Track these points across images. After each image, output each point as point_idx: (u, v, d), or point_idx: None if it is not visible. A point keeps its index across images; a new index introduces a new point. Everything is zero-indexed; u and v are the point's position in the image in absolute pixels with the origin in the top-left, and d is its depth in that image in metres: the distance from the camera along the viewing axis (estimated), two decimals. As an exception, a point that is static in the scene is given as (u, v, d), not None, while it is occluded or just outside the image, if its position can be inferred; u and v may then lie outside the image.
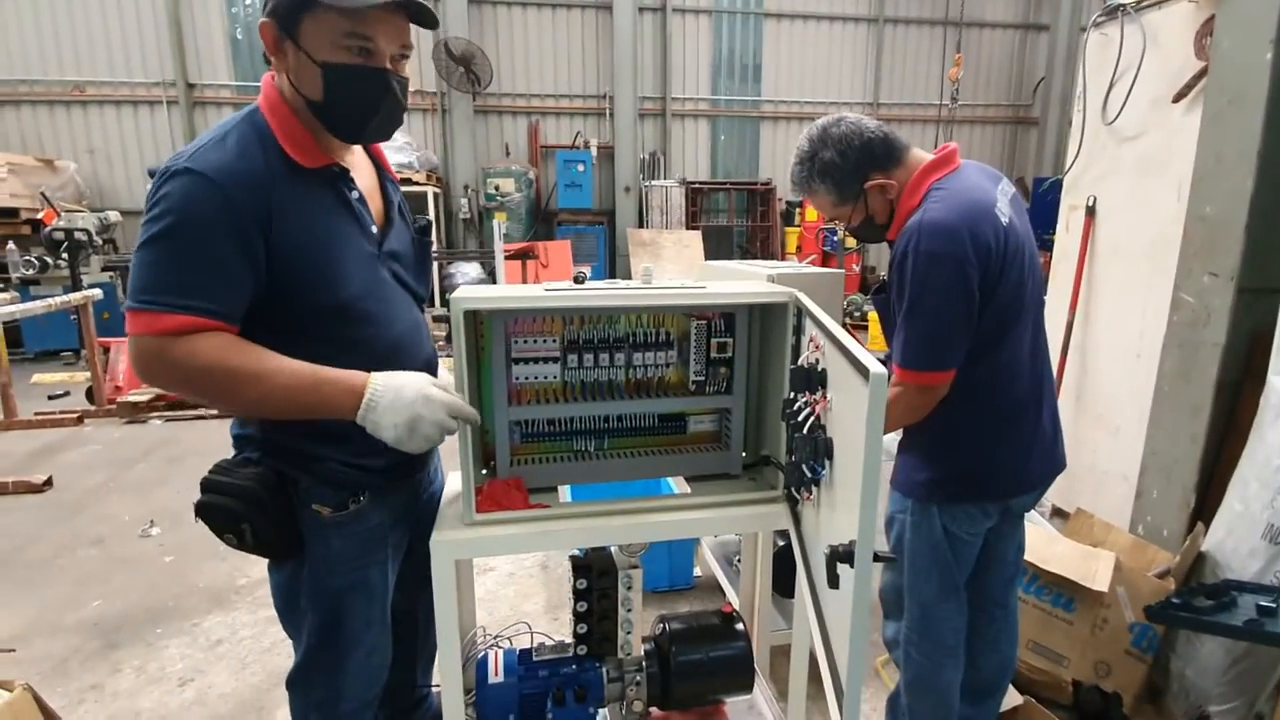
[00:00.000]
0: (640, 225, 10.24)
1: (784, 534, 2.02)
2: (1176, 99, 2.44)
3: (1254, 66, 1.98)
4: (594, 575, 1.62)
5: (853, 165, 1.52)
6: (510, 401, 1.51)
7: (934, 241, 1.40)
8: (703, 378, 1.56)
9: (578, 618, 1.64)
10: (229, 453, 1.31)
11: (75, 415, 5.24)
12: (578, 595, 1.63)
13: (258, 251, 1.10)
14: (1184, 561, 2.10)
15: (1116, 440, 2.93)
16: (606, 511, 1.45)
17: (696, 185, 10.66)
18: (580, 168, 9.80)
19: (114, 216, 7.52)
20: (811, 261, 10.10)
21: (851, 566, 0.83)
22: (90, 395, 5.50)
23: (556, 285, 1.45)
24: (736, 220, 11.11)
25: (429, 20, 1.18)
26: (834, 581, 0.84)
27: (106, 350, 5.73)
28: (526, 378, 1.51)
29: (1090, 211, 3.04)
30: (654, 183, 10.32)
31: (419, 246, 1.44)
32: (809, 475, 1.04)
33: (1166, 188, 2.55)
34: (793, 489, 1.39)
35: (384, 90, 1.16)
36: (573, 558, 1.65)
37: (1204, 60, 2.30)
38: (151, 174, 7.47)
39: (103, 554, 3.25)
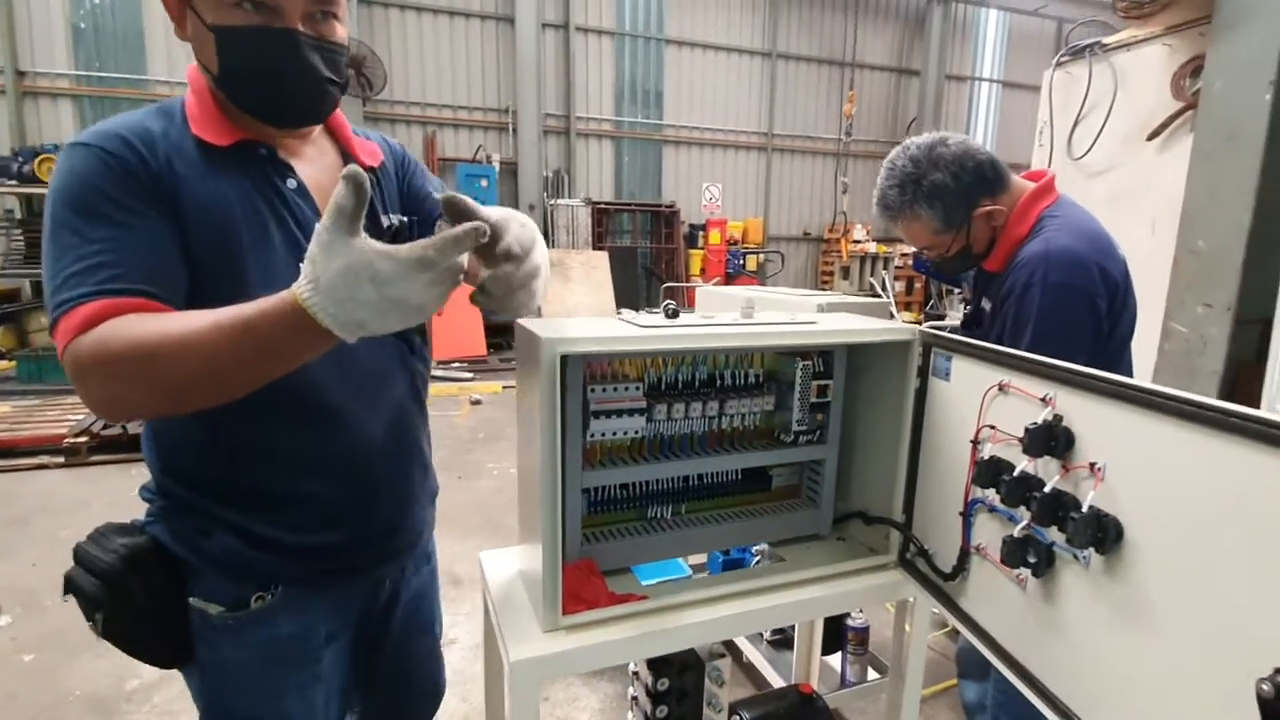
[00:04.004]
0: (546, 244, 9.91)
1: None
2: (1151, 137, 2.55)
3: (1252, 107, 2.07)
4: (675, 672, 1.35)
5: (965, 189, 1.37)
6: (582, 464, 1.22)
7: (1063, 273, 1.28)
8: (804, 426, 1.35)
9: (654, 724, 1.36)
10: (86, 510, 1.01)
11: None
12: (655, 699, 1.34)
13: (155, 210, 0.87)
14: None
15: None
16: (712, 597, 1.19)
17: (602, 205, 10.50)
18: (484, 183, 9.36)
19: (-85, 222, 6.23)
20: (717, 283, 10.20)
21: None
22: (-114, 443, 4.41)
23: (648, 320, 1.18)
24: (641, 241, 11.05)
25: None
26: None
27: (-90, 386, 4.64)
28: (603, 434, 1.22)
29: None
30: (559, 201, 10.06)
31: None
32: (1076, 558, 0.85)
33: (1140, 222, 2.65)
34: (923, 559, 1.20)
35: (290, 53, 0.92)
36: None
37: (1182, 100, 2.41)
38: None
39: (-71, 656, 2.52)
